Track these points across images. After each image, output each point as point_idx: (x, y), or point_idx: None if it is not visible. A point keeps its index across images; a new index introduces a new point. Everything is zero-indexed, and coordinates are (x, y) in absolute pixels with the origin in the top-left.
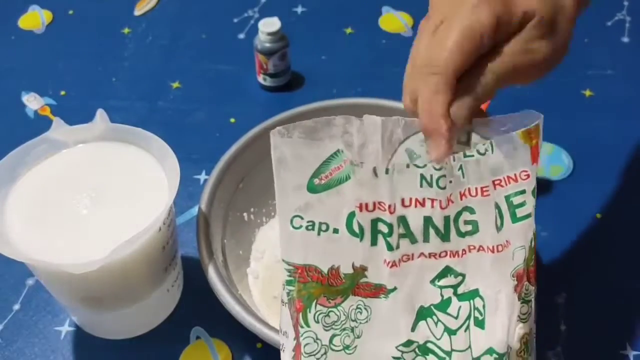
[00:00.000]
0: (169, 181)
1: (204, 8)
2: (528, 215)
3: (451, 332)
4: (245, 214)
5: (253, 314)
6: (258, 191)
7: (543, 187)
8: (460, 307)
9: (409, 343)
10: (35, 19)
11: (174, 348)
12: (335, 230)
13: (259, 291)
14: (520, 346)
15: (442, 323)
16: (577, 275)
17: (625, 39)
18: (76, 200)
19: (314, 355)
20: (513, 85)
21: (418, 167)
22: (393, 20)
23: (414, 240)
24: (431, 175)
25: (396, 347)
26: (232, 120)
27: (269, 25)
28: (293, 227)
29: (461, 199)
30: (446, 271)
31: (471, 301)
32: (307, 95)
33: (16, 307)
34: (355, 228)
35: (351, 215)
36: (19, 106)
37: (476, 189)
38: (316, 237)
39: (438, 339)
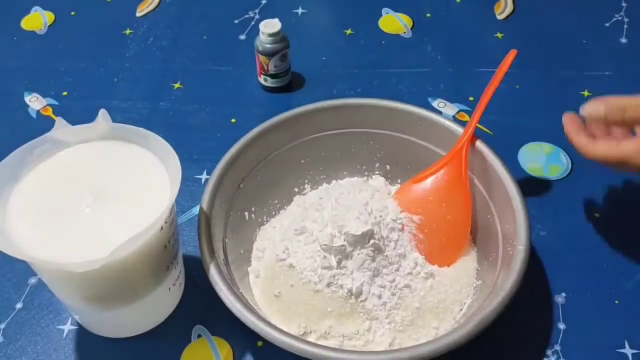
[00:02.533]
0: (171, 180)
1: (205, 9)
2: None
3: None
4: (246, 213)
5: (254, 312)
6: (259, 190)
7: (542, 187)
8: None
9: None
10: (37, 20)
11: (175, 346)
12: None
13: (259, 290)
14: None
15: None
16: (576, 275)
17: (624, 40)
18: (78, 200)
19: None
20: None
21: None
22: (393, 22)
23: None
24: None
25: None
26: (233, 120)
27: (270, 26)
28: None
29: None
30: None
31: None
32: (307, 96)
33: (19, 305)
34: None
35: None
36: (21, 106)
37: None
38: None
39: None
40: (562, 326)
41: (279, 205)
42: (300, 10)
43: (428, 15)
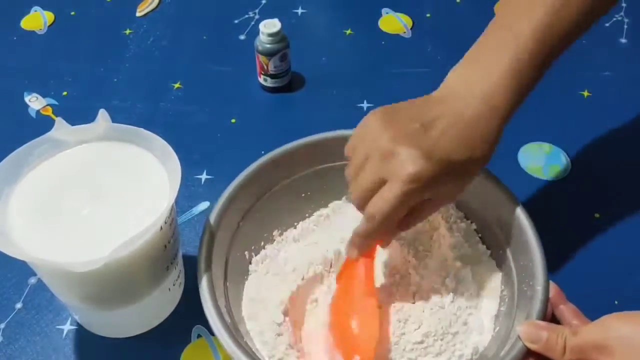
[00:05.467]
0: (171, 181)
1: (205, 9)
2: None
3: None
4: (246, 253)
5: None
6: (258, 228)
7: (542, 187)
8: None
9: None
10: (37, 20)
11: (175, 346)
12: None
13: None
14: None
15: None
16: (575, 275)
17: (624, 40)
18: (78, 200)
19: None
20: None
21: None
22: (392, 22)
23: None
24: None
25: None
26: (233, 120)
27: (270, 26)
28: None
29: None
30: None
31: None
32: (307, 96)
33: (18, 305)
34: None
35: None
36: (21, 106)
37: None
38: None
39: None
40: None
41: (278, 243)
42: (300, 10)
43: (428, 15)
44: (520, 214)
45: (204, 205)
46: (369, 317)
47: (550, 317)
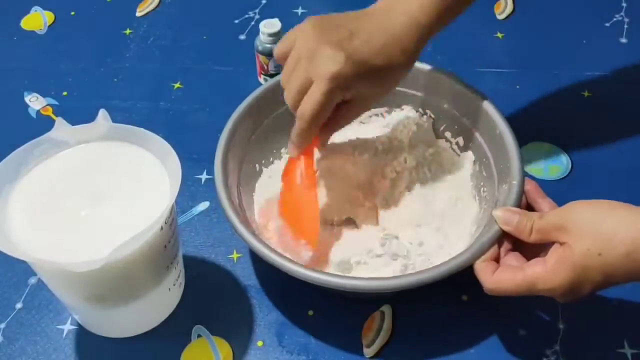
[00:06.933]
0: (171, 181)
1: (205, 9)
2: None
3: None
4: (257, 165)
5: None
6: (267, 143)
7: (542, 187)
8: None
9: None
10: (37, 20)
11: (175, 346)
12: None
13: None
14: None
15: None
16: None
17: (624, 40)
18: (78, 200)
19: None
20: None
21: None
22: None
23: None
24: None
25: None
26: None
27: (270, 26)
28: None
29: None
30: None
31: None
32: None
33: (18, 305)
34: None
35: None
36: (21, 106)
37: None
38: None
39: None
40: (562, 326)
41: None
42: (300, 10)
43: None
44: (498, 119)
45: (204, 205)
46: (311, 206)
47: (525, 208)
